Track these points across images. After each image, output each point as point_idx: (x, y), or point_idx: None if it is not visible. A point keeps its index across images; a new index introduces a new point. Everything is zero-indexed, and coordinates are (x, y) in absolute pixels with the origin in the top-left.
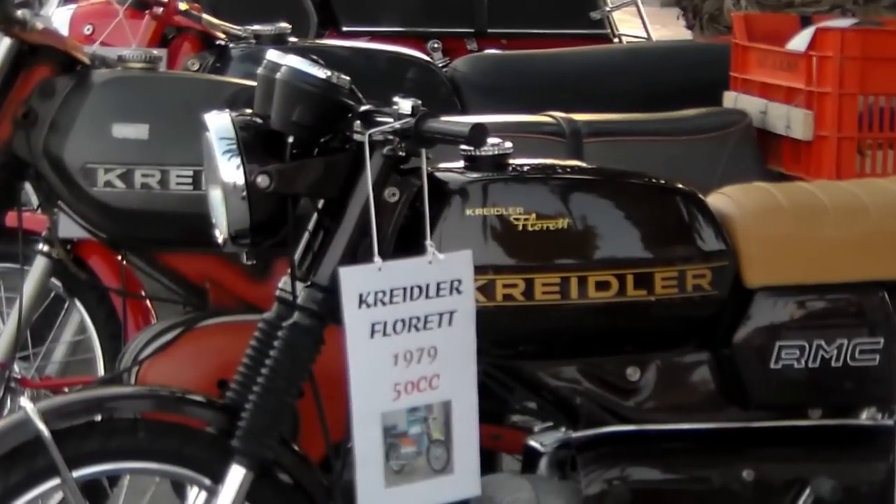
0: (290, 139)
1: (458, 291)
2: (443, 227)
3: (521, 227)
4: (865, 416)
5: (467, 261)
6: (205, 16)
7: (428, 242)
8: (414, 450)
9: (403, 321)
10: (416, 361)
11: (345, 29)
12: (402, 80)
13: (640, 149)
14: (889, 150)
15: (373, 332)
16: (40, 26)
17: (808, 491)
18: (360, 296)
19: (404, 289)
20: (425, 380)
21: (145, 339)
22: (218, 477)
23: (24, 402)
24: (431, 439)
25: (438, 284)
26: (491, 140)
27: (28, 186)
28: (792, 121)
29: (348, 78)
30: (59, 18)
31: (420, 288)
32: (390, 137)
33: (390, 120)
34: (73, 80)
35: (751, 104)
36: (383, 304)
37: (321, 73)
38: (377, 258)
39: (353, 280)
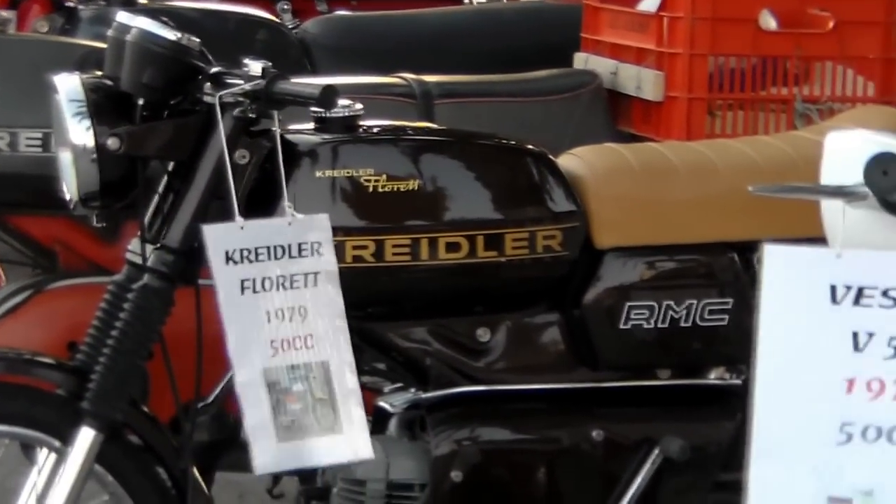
0: (140, 101)
1: (319, 253)
2: (293, 189)
3: (371, 189)
4: (714, 376)
5: (325, 224)
6: None
7: (286, 204)
8: (300, 406)
9: (271, 279)
10: (288, 320)
11: None
12: (252, 41)
13: (490, 110)
14: (739, 110)
15: (243, 289)
16: None
17: (656, 450)
18: (227, 252)
19: (268, 248)
20: (300, 339)
21: None
22: (67, 439)
23: None
24: (315, 398)
25: (300, 245)
26: (341, 102)
27: None
28: (642, 81)
29: (198, 40)
30: None
31: (283, 248)
32: (241, 99)
33: (241, 82)
34: None
35: (602, 65)
36: (249, 261)
37: (171, 34)
38: (238, 217)
39: (218, 237)
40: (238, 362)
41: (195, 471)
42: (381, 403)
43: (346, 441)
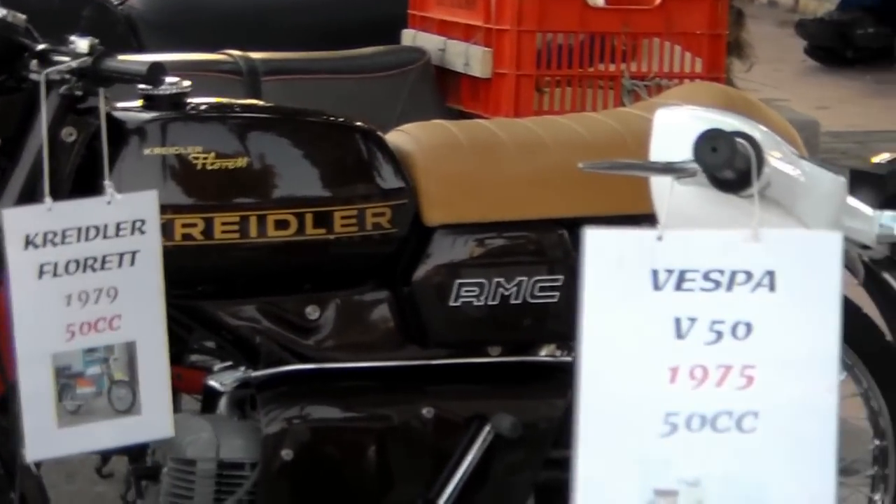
0: None
1: (142, 231)
2: (121, 167)
3: (199, 166)
4: (545, 353)
5: (152, 201)
6: None
7: (107, 182)
8: (92, 390)
9: (77, 262)
10: (92, 302)
11: None
12: (78, 18)
13: (318, 87)
14: (567, 87)
15: (41, 274)
16: None
17: (487, 427)
18: (27, 237)
19: (79, 229)
20: (104, 320)
21: None
22: None
23: None
24: (113, 380)
25: (118, 224)
26: (168, 79)
27: None
28: (471, 58)
29: (24, 16)
30: None
31: (97, 228)
32: (67, 77)
33: (67, 59)
34: None
35: (429, 42)
36: (54, 244)
37: None
38: (48, 199)
39: (19, 221)
40: (21, 349)
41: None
42: (211, 382)
43: (143, 422)
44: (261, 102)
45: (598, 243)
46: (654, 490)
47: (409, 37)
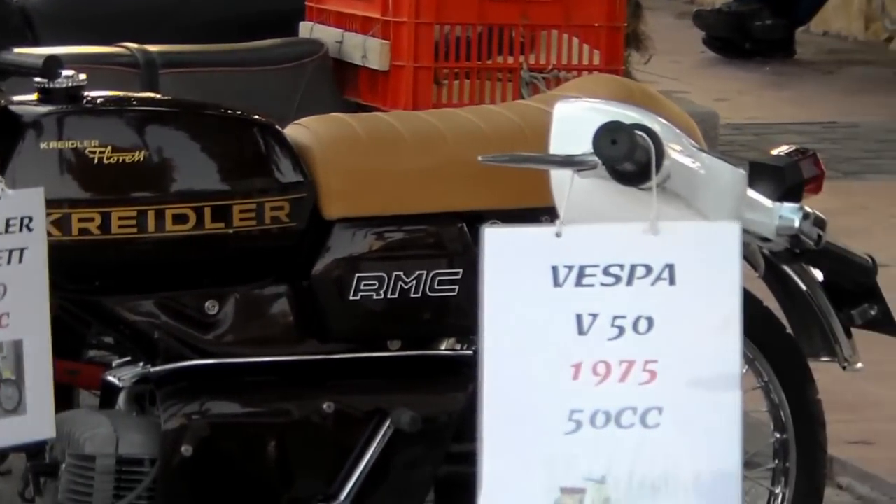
0: None
1: (29, 229)
2: (17, 162)
3: (96, 160)
4: (446, 347)
5: (39, 198)
6: None
7: None
8: None
9: None
10: None
11: None
12: None
13: (216, 80)
14: (465, 79)
15: None
16: None
17: (387, 422)
18: None
19: None
20: None
21: None
22: None
23: None
24: (2, 378)
25: (8, 221)
26: (65, 72)
27: None
28: (368, 51)
29: None
30: None
31: None
32: None
33: None
34: None
35: (327, 34)
36: None
37: None
38: None
39: None
40: None
41: None
42: (110, 378)
43: (27, 422)
44: (158, 96)
45: (496, 242)
46: (560, 488)
47: (306, 29)
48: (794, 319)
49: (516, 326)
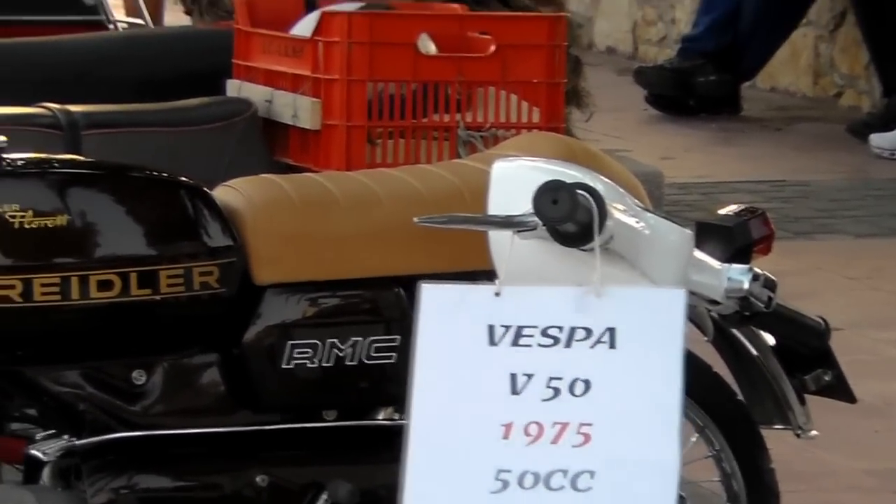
0: None
1: None
2: None
3: (17, 225)
4: (383, 417)
5: None
6: None
7: None
8: None
9: None
10: None
11: None
12: None
13: (141, 140)
14: (400, 138)
15: None
16: None
17: (324, 495)
18: None
19: None
20: None
21: None
22: None
23: None
24: None
25: None
26: None
27: None
28: (299, 109)
29: None
30: None
31: None
32: None
33: None
34: None
35: (256, 93)
36: None
37: None
38: None
39: None
40: None
41: None
42: (33, 451)
43: None
44: (81, 157)
45: (433, 297)
46: None
47: (234, 87)
48: (745, 385)
49: (448, 383)
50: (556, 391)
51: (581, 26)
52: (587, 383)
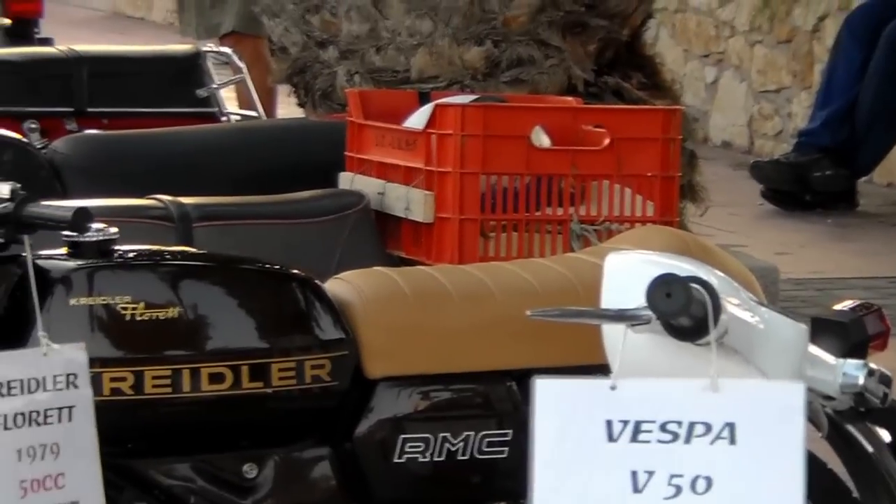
0: None
1: (75, 386)
2: (46, 318)
3: (128, 317)
4: None
5: (81, 353)
6: None
7: (41, 333)
8: None
9: (23, 415)
10: (39, 458)
11: None
12: None
13: (253, 233)
14: (513, 232)
15: None
16: None
17: None
18: None
19: (21, 381)
20: (50, 478)
21: None
22: None
23: None
24: None
25: (55, 377)
26: (95, 225)
27: None
28: (411, 202)
29: None
30: None
31: (37, 381)
32: None
33: None
34: None
35: (368, 185)
36: (1, 395)
37: None
38: None
39: None
40: None
41: None
42: None
43: None
44: (193, 250)
45: (549, 394)
46: None
47: (346, 180)
48: (861, 483)
49: (568, 480)
50: (678, 489)
51: (696, 120)
52: (709, 480)
